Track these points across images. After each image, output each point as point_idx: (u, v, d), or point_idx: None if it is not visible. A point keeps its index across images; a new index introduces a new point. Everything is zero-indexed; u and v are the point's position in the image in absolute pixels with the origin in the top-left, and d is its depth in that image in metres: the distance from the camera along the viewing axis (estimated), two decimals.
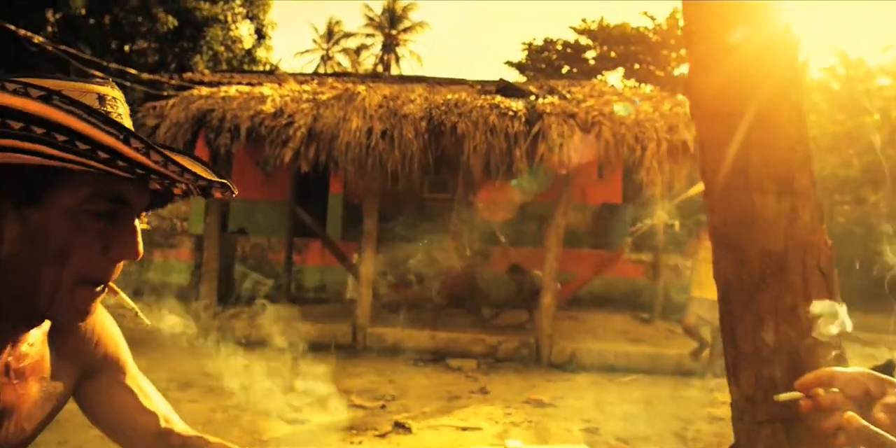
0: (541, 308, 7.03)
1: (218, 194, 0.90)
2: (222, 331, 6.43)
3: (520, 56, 23.97)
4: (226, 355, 4.52)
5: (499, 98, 7.06)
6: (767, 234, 1.29)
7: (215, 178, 0.84)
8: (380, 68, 34.78)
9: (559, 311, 7.69)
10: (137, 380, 1.04)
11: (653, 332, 8.13)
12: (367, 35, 36.84)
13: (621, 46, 22.48)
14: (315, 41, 36.91)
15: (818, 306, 1.15)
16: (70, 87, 0.75)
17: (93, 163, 0.71)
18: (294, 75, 13.50)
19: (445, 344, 7.02)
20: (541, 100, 7.17)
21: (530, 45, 23.50)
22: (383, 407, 4.72)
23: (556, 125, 6.40)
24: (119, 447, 1.03)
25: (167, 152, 0.76)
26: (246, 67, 17.07)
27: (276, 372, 4.15)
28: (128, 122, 0.84)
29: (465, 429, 4.28)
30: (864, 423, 0.74)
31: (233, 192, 0.90)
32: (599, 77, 22.39)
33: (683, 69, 23.60)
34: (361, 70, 33.58)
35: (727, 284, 1.37)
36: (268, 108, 6.61)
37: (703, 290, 6.59)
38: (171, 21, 14.71)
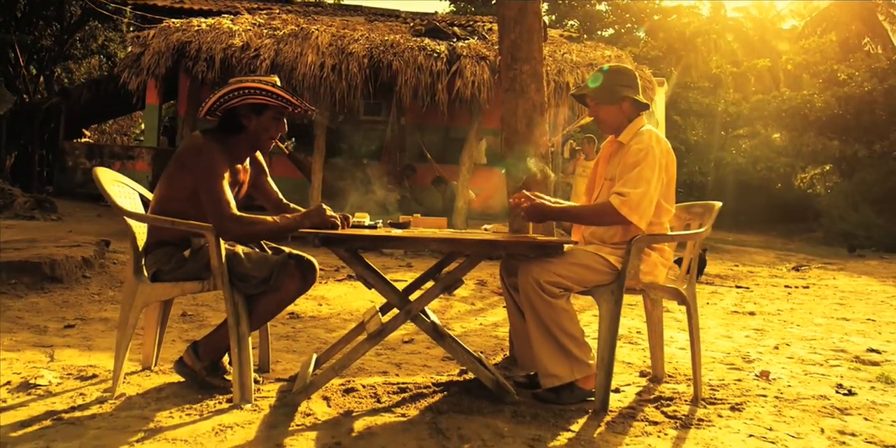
0: (455, 210, 8.99)
1: (310, 114, 2.67)
2: None
3: None
4: None
5: (427, 40, 8.69)
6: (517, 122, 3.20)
7: (311, 107, 2.62)
8: None
9: (476, 220, 9.62)
10: (269, 178, 2.84)
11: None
12: None
13: None
14: None
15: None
16: (271, 79, 2.52)
17: (280, 103, 2.51)
18: (240, 1, 14.45)
19: None
20: (461, 43, 8.84)
21: None
22: (337, 270, 6.63)
23: (471, 65, 8.16)
24: (266, 208, 2.85)
25: (296, 97, 2.55)
26: None
27: None
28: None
29: (394, 280, 6.25)
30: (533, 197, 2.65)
31: (314, 111, 2.68)
32: None
33: (601, 6, 25.20)
34: None
35: (508, 134, 3.28)
36: (237, 41, 8.04)
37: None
38: None
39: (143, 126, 20.66)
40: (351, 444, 2.11)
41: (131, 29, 18.66)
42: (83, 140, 18.69)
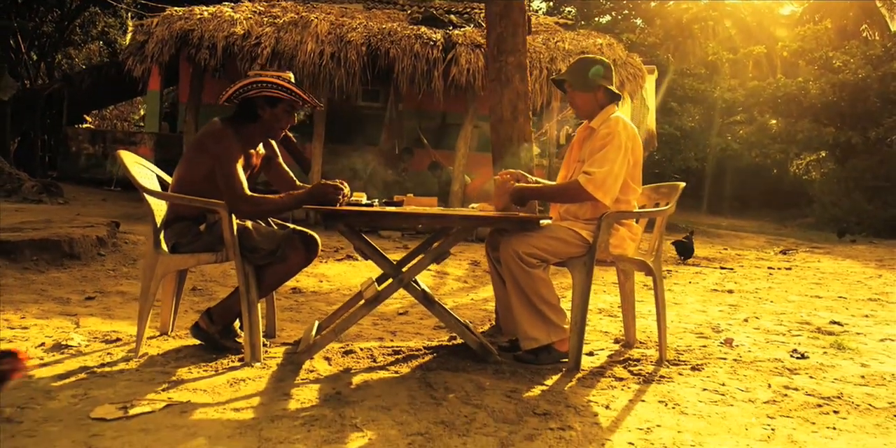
0: (451, 193, 9.26)
1: (317, 108, 2.96)
2: None
3: None
4: None
5: (423, 28, 8.91)
6: (502, 105, 3.46)
7: (319, 103, 2.90)
8: None
9: (469, 203, 9.87)
10: (281, 160, 3.11)
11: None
12: None
13: None
14: None
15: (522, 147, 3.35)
16: (287, 76, 2.79)
17: (291, 97, 2.78)
18: None
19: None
20: (456, 31, 9.06)
21: None
22: (336, 250, 6.91)
23: (466, 53, 8.38)
24: (278, 189, 3.12)
25: (306, 92, 2.82)
26: None
27: None
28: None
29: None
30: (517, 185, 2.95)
31: (322, 107, 2.97)
32: None
33: None
34: None
35: (494, 121, 3.54)
36: (238, 30, 8.26)
37: None
38: None
39: (142, 111, 20.85)
40: (350, 393, 2.40)
41: (130, 15, 18.82)
42: (85, 126, 18.90)
